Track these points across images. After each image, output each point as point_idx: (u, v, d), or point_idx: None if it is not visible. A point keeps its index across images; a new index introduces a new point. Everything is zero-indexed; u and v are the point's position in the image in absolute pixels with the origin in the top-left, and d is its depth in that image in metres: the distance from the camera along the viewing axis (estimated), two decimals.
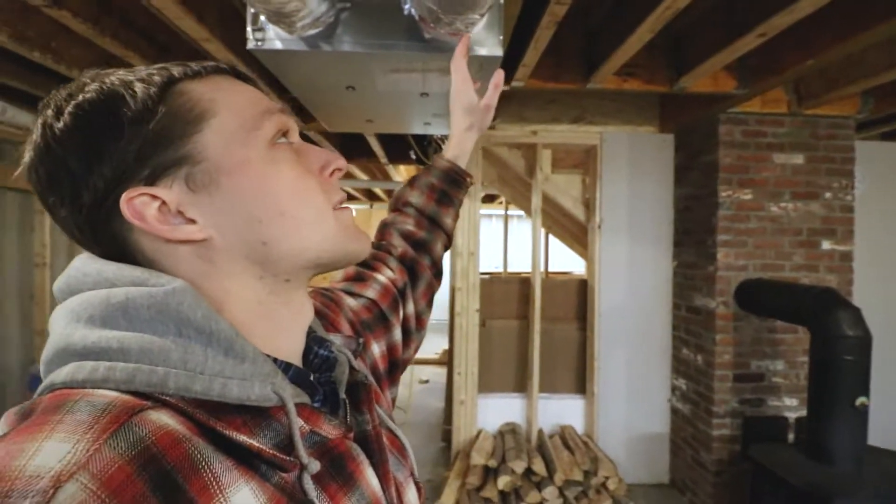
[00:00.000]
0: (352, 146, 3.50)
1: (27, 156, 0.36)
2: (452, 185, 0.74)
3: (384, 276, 0.65)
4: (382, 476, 0.42)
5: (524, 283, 3.08)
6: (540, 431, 2.92)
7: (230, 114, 0.38)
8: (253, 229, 0.37)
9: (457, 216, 0.76)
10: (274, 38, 1.11)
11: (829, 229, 2.47)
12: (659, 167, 2.85)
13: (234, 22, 1.67)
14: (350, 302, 0.60)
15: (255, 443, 0.32)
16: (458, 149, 0.75)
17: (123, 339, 0.32)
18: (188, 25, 1.45)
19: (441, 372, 4.75)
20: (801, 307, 1.99)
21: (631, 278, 2.87)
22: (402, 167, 4.37)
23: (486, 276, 3.22)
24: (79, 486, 0.25)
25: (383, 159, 3.56)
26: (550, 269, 5.03)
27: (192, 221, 0.36)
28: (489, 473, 2.63)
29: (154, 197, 0.35)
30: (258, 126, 0.38)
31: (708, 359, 2.49)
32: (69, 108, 0.35)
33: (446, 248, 0.76)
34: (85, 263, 0.36)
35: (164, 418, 0.30)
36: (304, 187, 0.40)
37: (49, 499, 0.24)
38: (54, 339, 0.34)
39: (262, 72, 1.80)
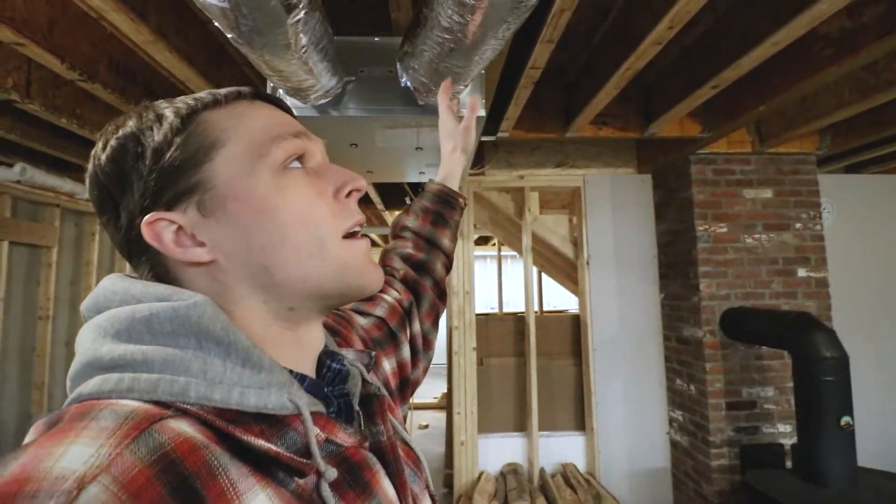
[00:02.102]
0: None
1: (86, 182, 0.42)
2: (445, 206, 0.77)
3: (390, 296, 0.68)
4: (399, 486, 0.42)
5: (519, 320, 3.16)
6: (542, 471, 2.91)
7: (240, 141, 0.40)
8: (254, 254, 0.39)
9: (454, 237, 0.79)
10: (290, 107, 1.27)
11: (803, 258, 2.61)
12: (640, 205, 3.02)
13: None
14: (360, 320, 0.63)
15: (272, 447, 0.33)
16: (446, 170, 0.81)
17: (147, 352, 0.34)
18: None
19: (440, 417, 4.72)
20: (781, 332, 2.08)
21: (622, 312, 2.96)
22: (398, 213, 4.54)
23: (482, 316, 3.30)
24: (101, 488, 0.26)
25: (380, 206, 3.73)
26: (546, 308, 5.10)
27: (202, 244, 0.39)
28: None
29: (171, 221, 0.38)
30: (266, 153, 0.40)
31: (700, 388, 2.55)
32: (111, 142, 0.39)
33: (448, 269, 0.78)
34: (114, 283, 0.38)
35: (183, 426, 0.31)
36: (310, 215, 0.41)
37: (73, 499, 0.25)
38: (82, 353, 0.35)
39: None
